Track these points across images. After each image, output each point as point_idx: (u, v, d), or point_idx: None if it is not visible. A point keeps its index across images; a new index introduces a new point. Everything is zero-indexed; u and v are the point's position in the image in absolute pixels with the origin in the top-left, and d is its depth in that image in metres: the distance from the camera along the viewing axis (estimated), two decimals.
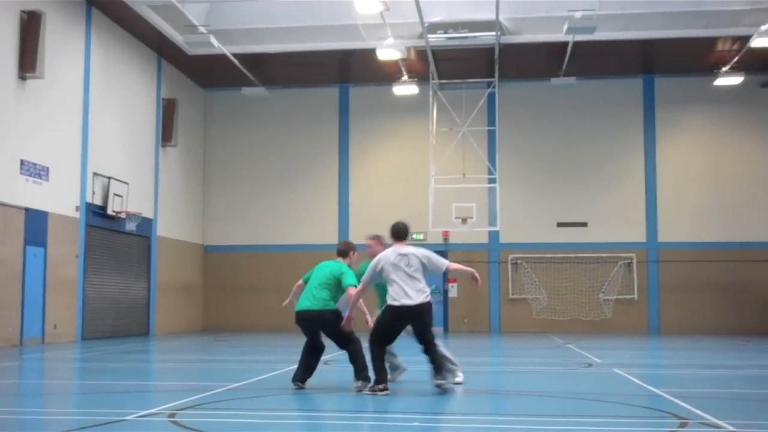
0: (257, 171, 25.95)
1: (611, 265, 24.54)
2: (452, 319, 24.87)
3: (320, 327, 8.62)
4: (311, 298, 8.63)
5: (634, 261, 24.42)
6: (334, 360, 11.82)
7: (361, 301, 8.40)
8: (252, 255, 25.54)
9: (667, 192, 24.66)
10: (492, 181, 23.41)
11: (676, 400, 7.29)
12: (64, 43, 17.78)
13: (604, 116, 25.09)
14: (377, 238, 9.55)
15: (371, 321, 8.37)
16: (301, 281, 9.11)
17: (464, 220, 23.04)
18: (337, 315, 8.48)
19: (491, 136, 24.15)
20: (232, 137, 26.24)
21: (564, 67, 22.65)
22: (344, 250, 9.27)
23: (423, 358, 7.80)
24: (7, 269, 15.74)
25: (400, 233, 8.51)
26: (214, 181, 26.19)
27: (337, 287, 8.62)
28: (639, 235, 24.62)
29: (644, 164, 24.87)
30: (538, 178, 25.04)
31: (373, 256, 8.75)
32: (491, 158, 23.83)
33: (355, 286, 8.43)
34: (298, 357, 8.49)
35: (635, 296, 24.37)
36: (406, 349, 9.05)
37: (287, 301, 9.18)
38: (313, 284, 8.76)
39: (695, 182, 24.67)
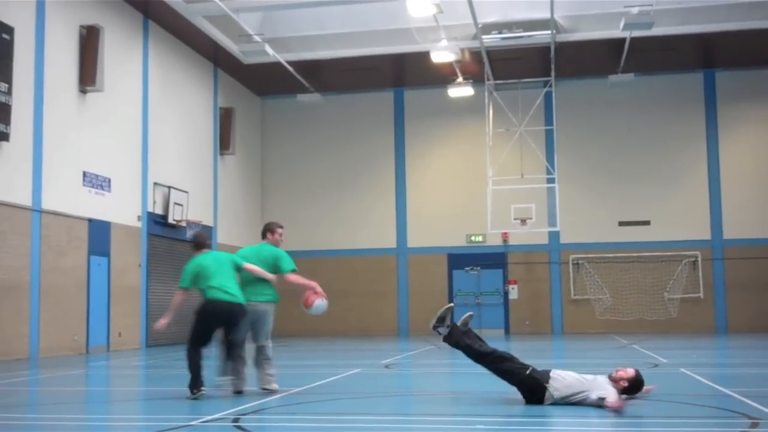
0: (314, 177, 26.06)
1: (675, 264, 24.06)
2: (513, 321, 24.65)
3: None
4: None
5: (699, 259, 23.91)
6: (395, 363, 11.77)
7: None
8: (311, 260, 25.59)
9: (731, 188, 24.10)
10: (551, 181, 23.16)
11: (746, 400, 7.08)
12: (122, 56, 18.07)
13: (664, 112, 24.63)
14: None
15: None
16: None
17: (523, 221, 22.82)
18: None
19: (549, 135, 23.90)
20: (289, 144, 26.40)
21: (622, 63, 22.32)
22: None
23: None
24: (73, 279, 16.04)
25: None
26: (271, 188, 26.37)
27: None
28: (704, 233, 24.09)
29: (707, 160, 24.35)
30: (598, 177, 24.67)
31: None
32: (549, 158, 23.58)
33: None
34: (358, 361, 8.40)
35: (701, 295, 23.86)
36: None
37: None
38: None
39: (760, 177, 24.06)
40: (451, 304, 7.87)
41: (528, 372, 6.86)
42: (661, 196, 24.33)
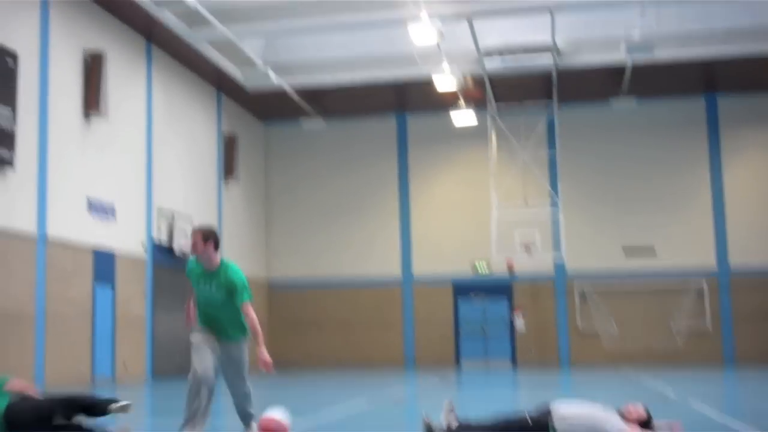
0: (318, 203, 25.98)
1: (682, 294, 23.82)
2: (520, 351, 24.40)
3: None
4: None
5: (705, 288, 23.66)
6: (403, 397, 11.61)
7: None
8: (315, 288, 25.50)
9: (736, 214, 23.92)
10: (554, 206, 23.10)
11: None
12: (126, 81, 18.07)
13: (666, 137, 24.56)
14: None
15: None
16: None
17: (528, 248, 22.70)
18: None
19: (552, 161, 23.86)
20: (293, 170, 26.34)
21: (624, 88, 22.34)
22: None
23: None
24: (78, 308, 15.90)
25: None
26: (275, 214, 26.29)
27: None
28: (709, 260, 23.88)
29: (710, 185, 24.23)
30: (602, 202, 24.56)
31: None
32: (553, 183, 23.53)
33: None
34: (365, 393, 8.25)
35: (708, 325, 23.61)
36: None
37: None
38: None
39: (764, 203, 23.92)
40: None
41: (528, 419, 6.14)
42: (665, 222, 24.19)
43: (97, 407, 6.65)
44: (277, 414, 6.79)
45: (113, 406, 6.61)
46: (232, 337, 6.80)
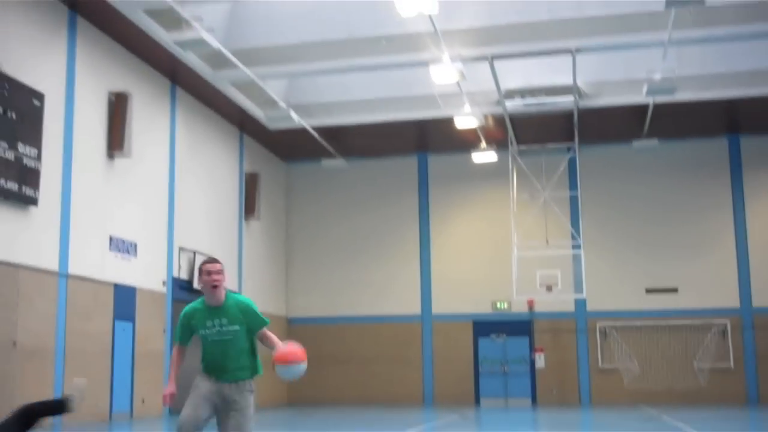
0: (339, 242, 26.05)
1: (705, 332, 23.61)
2: (540, 390, 24.22)
3: None
4: None
5: (729, 327, 23.44)
6: None
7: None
8: (335, 326, 25.48)
9: (760, 254, 23.75)
10: (576, 247, 23.02)
11: None
12: (150, 122, 18.29)
13: (689, 178, 24.48)
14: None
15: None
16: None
17: (549, 288, 22.63)
18: None
19: (573, 201, 23.83)
20: (314, 209, 26.46)
21: (645, 129, 22.32)
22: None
23: None
24: (97, 344, 15.98)
25: None
26: (296, 253, 26.37)
27: None
28: (732, 300, 23.68)
29: (734, 226, 24.09)
30: (624, 243, 24.44)
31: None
32: (575, 224, 23.48)
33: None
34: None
35: (731, 364, 23.33)
36: None
37: None
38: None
39: None
40: None
41: None
42: (688, 263, 24.02)
43: (54, 406, 6.96)
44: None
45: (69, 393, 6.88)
46: (240, 377, 6.30)
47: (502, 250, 24.05)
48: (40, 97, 14.18)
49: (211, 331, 6.40)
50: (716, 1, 15.51)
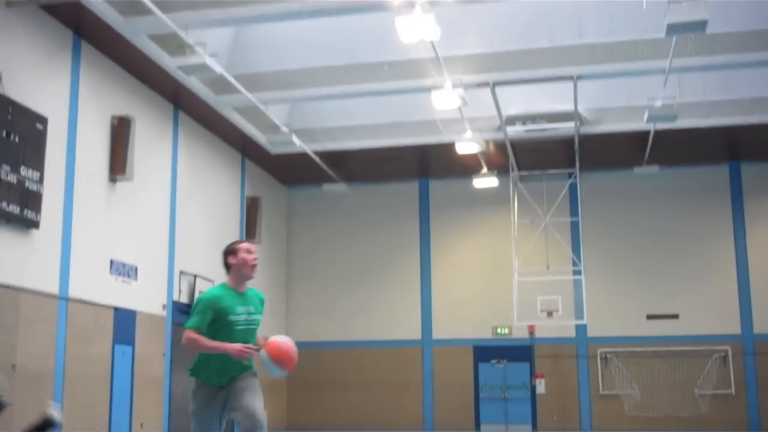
0: (339, 266, 26.04)
1: (706, 359, 23.53)
2: (541, 416, 24.10)
3: None
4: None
5: (730, 354, 23.37)
6: None
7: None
8: (335, 351, 25.41)
9: (761, 281, 23.72)
10: (577, 273, 22.99)
11: None
12: (152, 145, 18.34)
13: (690, 204, 24.50)
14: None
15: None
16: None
17: (550, 314, 22.59)
18: None
19: (574, 227, 23.83)
20: (315, 233, 26.47)
21: (646, 155, 22.37)
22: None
23: None
24: (97, 368, 15.93)
25: None
26: (296, 277, 26.35)
27: None
28: (734, 327, 23.62)
29: (735, 253, 24.07)
30: (625, 269, 24.42)
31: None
32: (575, 249, 23.47)
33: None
34: None
35: (732, 391, 23.24)
36: None
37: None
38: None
39: None
40: None
41: None
42: (689, 289, 23.99)
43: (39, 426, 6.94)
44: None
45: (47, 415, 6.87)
46: (250, 367, 6.07)
47: (502, 276, 24.02)
48: (43, 120, 14.23)
49: (240, 317, 6.00)
50: (717, 28, 15.58)
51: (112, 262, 16.59)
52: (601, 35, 17.11)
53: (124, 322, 16.92)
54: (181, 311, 19.26)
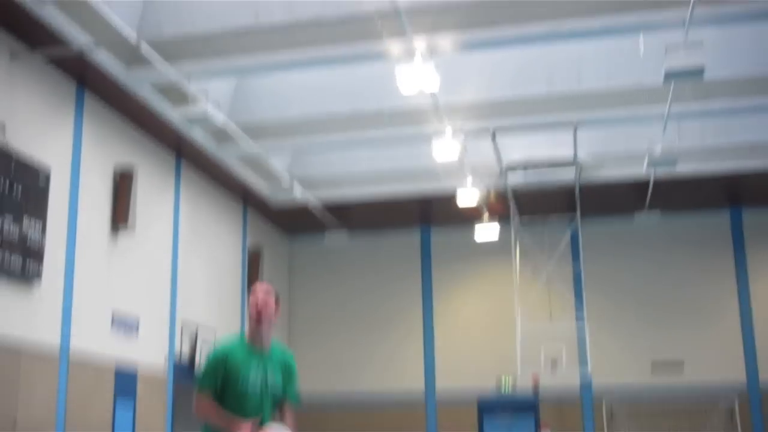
0: (341, 316, 25.90)
1: (712, 409, 23.22)
2: None
3: None
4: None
5: (736, 404, 23.05)
6: None
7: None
8: (338, 400, 25.16)
9: (765, 330, 23.48)
10: (580, 320, 22.86)
11: None
12: (154, 195, 18.37)
13: (692, 251, 24.43)
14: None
15: None
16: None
17: (554, 364, 22.42)
18: None
19: (577, 274, 23.74)
20: (316, 283, 26.39)
21: (647, 202, 22.39)
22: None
23: None
24: (97, 422, 15.73)
25: None
26: (298, 327, 26.17)
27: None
28: (739, 374, 23.34)
29: (738, 299, 23.94)
30: (629, 316, 24.25)
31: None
32: (578, 297, 23.35)
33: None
34: None
35: None
36: None
37: None
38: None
39: None
40: None
41: None
42: (693, 336, 23.78)
43: None
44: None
45: None
46: None
47: (505, 325, 23.85)
48: (46, 171, 14.26)
49: (254, 379, 5.09)
50: (715, 74, 15.69)
51: (113, 313, 16.50)
52: (600, 82, 17.24)
53: (126, 376, 16.76)
54: (183, 364, 19.10)
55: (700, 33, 13.49)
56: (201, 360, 19.48)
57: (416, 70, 13.72)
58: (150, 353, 17.82)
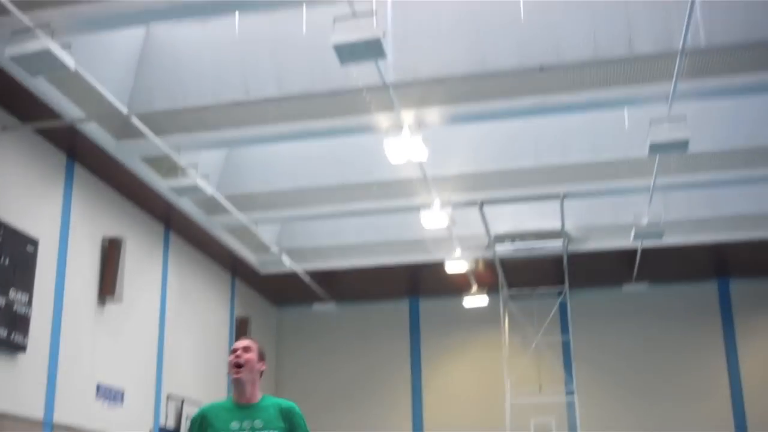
0: (329, 386, 25.64)
1: None
2: None
3: None
4: None
5: None
6: None
7: None
8: None
9: (755, 401, 23.36)
10: (570, 393, 22.69)
11: None
12: (142, 267, 18.32)
13: (681, 322, 24.38)
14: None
15: None
16: None
17: None
18: None
19: (566, 345, 23.65)
20: (304, 353, 26.19)
21: (635, 273, 22.43)
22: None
23: None
24: None
25: None
26: (285, 396, 25.66)
27: None
28: None
29: (727, 370, 23.83)
30: (618, 388, 24.07)
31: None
32: (567, 369, 23.22)
33: None
34: None
35: None
36: None
37: None
38: None
39: None
40: None
41: None
42: (683, 409, 23.56)
43: None
44: None
45: None
46: None
47: (495, 397, 23.63)
48: (34, 242, 14.25)
49: (236, 428, 4.85)
50: (700, 147, 15.90)
51: (98, 386, 16.30)
52: (586, 154, 17.42)
53: None
54: None
55: (683, 106, 13.72)
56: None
57: (404, 143, 13.88)
58: (135, 426, 17.55)
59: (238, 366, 4.95)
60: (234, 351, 5.07)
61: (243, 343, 5.12)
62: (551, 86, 13.83)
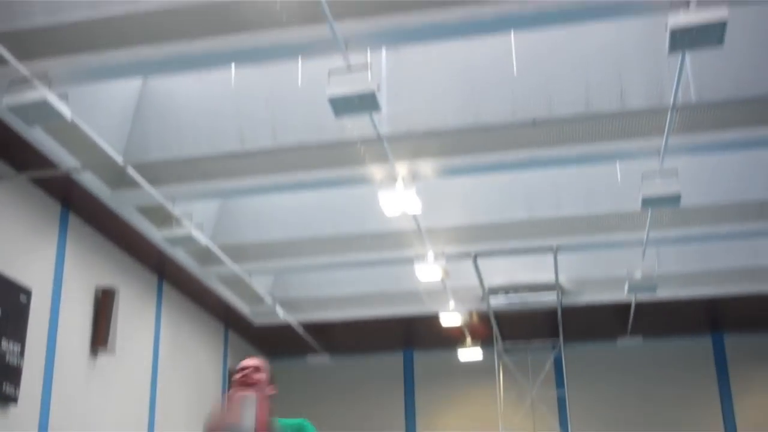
0: None
1: None
2: None
3: None
4: None
5: None
6: None
7: None
8: None
9: None
10: None
11: None
12: (135, 317, 18.25)
13: (675, 376, 24.28)
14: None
15: None
16: None
17: None
18: None
19: (561, 399, 23.50)
20: (297, 406, 25.56)
21: (629, 326, 22.39)
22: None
23: None
24: None
25: None
26: None
27: None
28: None
29: (723, 424, 23.70)
30: None
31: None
32: (563, 423, 23.06)
33: None
34: None
35: None
36: None
37: None
38: None
39: None
40: None
41: None
42: None
43: None
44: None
45: None
46: None
47: None
48: (27, 292, 14.20)
49: None
50: (693, 201, 16.00)
51: None
52: (579, 207, 17.51)
53: None
54: None
55: (675, 161, 13.83)
56: None
57: (398, 195, 13.96)
58: None
59: (245, 385, 4.44)
60: (242, 369, 4.61)
61: (252, 362, 4.63)
62: (544, 140, 13.96)
